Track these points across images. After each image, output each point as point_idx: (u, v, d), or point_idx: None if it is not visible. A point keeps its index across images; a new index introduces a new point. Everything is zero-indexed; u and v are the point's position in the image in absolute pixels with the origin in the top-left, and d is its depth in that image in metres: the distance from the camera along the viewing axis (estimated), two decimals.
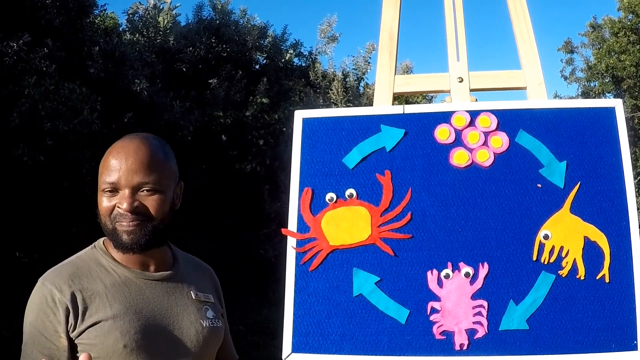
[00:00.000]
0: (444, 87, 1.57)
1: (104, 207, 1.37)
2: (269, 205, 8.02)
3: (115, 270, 1.40)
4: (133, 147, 1.38)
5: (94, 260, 1.42)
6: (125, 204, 1.34)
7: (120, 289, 1.38)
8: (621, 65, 14.46)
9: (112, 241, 1.39)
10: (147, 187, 1.36)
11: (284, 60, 9.28)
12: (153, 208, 1.37)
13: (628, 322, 1.33)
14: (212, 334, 1.45)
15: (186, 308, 1.43)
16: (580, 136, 1.43)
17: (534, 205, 1.40)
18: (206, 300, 1.49)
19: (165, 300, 1.41)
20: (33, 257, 5.72)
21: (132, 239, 1.35)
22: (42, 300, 1.33)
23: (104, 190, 1.36)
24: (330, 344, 1.39)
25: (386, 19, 1.64)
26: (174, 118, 6.86)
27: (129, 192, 1.35)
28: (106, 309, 1.33)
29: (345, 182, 1.46)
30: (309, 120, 1.52)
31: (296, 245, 1.44)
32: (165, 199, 1.39)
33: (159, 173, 1.38)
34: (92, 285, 1.36)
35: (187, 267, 1.53)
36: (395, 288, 1.39)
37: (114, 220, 1.36)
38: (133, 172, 1.35)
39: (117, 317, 1.33)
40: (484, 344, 1.34)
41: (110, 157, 1.37)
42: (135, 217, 1.35)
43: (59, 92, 5.38)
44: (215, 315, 1.48)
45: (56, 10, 5.91)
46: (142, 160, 1.36)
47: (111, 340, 1.31)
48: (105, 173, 1.37)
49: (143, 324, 1.35)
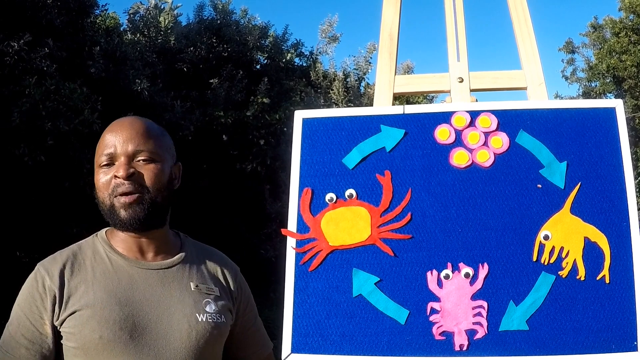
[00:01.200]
0: (444, 87, 1.57)
1: (101, 182, 1.36)
2: (270, 205, 8.03)
3: (110, 258, 1.37)
4: (128, 121, 1.40)
5: (91, 248, 1.40)
6: (121, 171, 1.33)
7: (108, 277, 1.34)
8: (622, 66, 14.46)
9: (111, 219, 1.36)
10: (142, 156, 1.36)
11: (284, 60, 9.28)
12: (149, 177, 1.35)
13: (628, 323, 1.32)
14: (209, 328, 1.37)
15: (181, 300, 1.37)
16: (580, 137, 1.43)
17: (534, 206, 1.40)
18: (208, 292, 1.42)
19: (157, 291, 1.36)
20: (33, 256, 5.71)
21: (130, 213, 1.33)
22: (34, 285, 1.32)
23: (101, 165, 1.36)
24: (330, 345, 1.38)
25: (386, 19, 1.64)
26: (174, 118, 6.87)
27: (124, 159, 1.34)
28: (88, 296, 1.30)
29: (345, 183, 1.46)
30: (309, 120, 1.52)
31: (296, 245, 1.44)
32: (163, 170, 1.38)
33: (154, 142, 1.38)
34: (83, 274, 1.34)
35: (196, 258, 1.48)
36: (395, 288, 1.39)
37: (112, 195, 1.34)
38: (128, 141, 1.35)
39: (97, 306, 1.29)
40: (483, 345, 1.34)
41: (105, 134, 1.38)
42: (131, 185, 1.33)
43: (60, 92, 5.38)
44: (217, 309, 1.41)
45: (57, 10, 5.91)
46: (137, 130, 1.37)
47: (87, 330, 1.27)
48: (101, 148, 1.37)
49: (125, 314, 1.30)
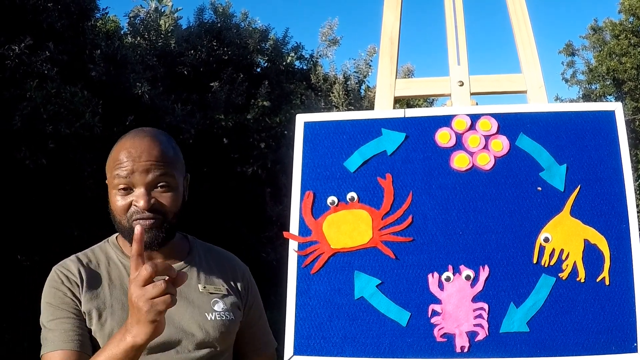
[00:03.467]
0: (445, 90, 1.58)
1: (118, 206, 1.38)
2: (271, 208, 8.03)
3: (123, 264, 1.43)
4: (145, 145, 1.39)
5: (104, 253, 1.46)
6: (142, 202, 1.35)
7: (122, 281, 1.40)
8: (622, 68, 14.46)
9: (128, 239, 1.39)
10: (161, 184, 1.38)
11: (285, 63, 9.29)
12: (168, 204, 1.39)
13: (628, 325, 1.33)
14: (219, 326, 1.44)
15: (190, 302, 1.43)
16: (580, 140, 1.44)
17: (534, 208, 1.40)
18: (216, 292, 1.48)
19: None
20: (34, 259, 5.72)
21: (150, 238, 1.37)
22: (55, 280, 1.38)
23: (118, 189, 1.37)
24: (332, 347, 1.39)
25: (387, 22, 1.65)
26: (175, 121, 6.88)
27: (144, 190, 1.36)
28: (105, 298, 1.37)
29: (346, 186, 1.47)
30: (310, 124, 1.53)
31: (298, 248, 1.44)
32: (178, 195, 1.42)
33: (172, 169, 1.41)
34: (98, 275, 1.40)
35: (204, 259, 1.54)
36: (396, 291, 1.40)
37: (130, 219, 1.37)
38: (147, 170, 1.36)
39: (115, 309, 1.36)
40: (484, 347, 1.35)
41: (121, 154, 1.38)
42: (152, 214, 1.37)
43: (61, 95, 5.39)
44: (225, 307, 1.48)
45: (58, 13, 5.92)
46: (156, 157, 1.38)
47: (107, 330, 1.34)
48: (117, 170, 1.37)
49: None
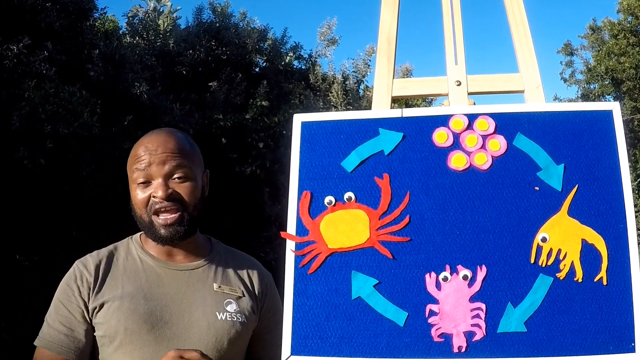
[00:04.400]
0: (442, 90, 1.58)
1: (139, 199, 1.43)
2: (270, 208, 8.02)
3: (142, 258, 1.46)
4: (161, 139, 1.45)
5: (125, 249, 1.50)
6: (160, 192, 1.40)
7: (137, 274, 1.43)
8: (621, 68, 14.48)
9: (149, 234, 1.44)
10: (178, 174, 1.42)
11: (283, 63, 9.28)
12: (186, 195, 1.43)
13: (626, 325, 1.33)
14: (228, 327, 1.45)
15: (203, 300, 1.45)
16: (577, 139, 1.44)
17: (531, 208, 1.40)
18: (231, 292, 1.50)
19: (182, 290, 1.44)
20: (33, 260, 5.71)
21: (171, 232, 1.42)
22: (71, 276, 1.43)
23: (138, 183, 1.42)
24: (329, 347, 1.39)
25: (384, 23, 1.64)
26: (174, 121, 6.86)
27: (162, 180, 1.41)
28: (117, 290, 1.40)
29: (343, 186, 1.47)
30: (308, 124, 1.53)
31: (295, 248, 1.44)
32: (197, 186, 1.46)
33: (188, 160, 1.45)
34: (115, 270, 1.44)
35: (224, 261, 1.56)
36: (393, 291, 1.40)
37: (150, 212, 1.42)
38: (164, 162, 1.41)
39: (124, 299, 1.38)
40: (482, 347, 1.35)
41: (139, 150, 1.44)
42: (171, 204, 1.41)
43: (59, 95, 5.38)
44: (238, 309, 1.49)
45: (56, 13, 5.91)
46: (172, 149, 1.43)
47: (114, 321, 1.36)
48: (135, 164, 1.43)
49: (150, 308, 1.38)
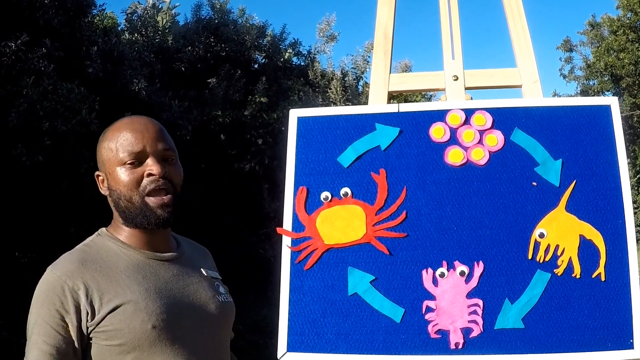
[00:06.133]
0: (439, 85, 1.57)
1: (128, 179, 1.34)
2: (268, 204, 8.01)
3: (126, 254, 1.39)
4: (146, 120, 1.40)
5: (102, 246, 1.39)
6: (156, 168, 1.34)
7: (135, 271, 1.36)
8: (620, 64, 14.48)
9: (139, 218, 1.36)
10: (170, 155, 1.39)
11: (282, 59, 9.26)
12: (177, 176, 1.39)
13: (624, 321, 1.32)
14: (229, 308, 1.46)
15: (201, 285, 1.43)
16: (575, 134, 1.43)
17: (529, 204, 1.40)
18: (215, 277, 1.50)
19: (180, 279, 1.41)
20: (32, 257, 5.72)
21: (168, 212, 1.36)
22: (50, 289, 1.29)
23: (125, 164, 1.35)
24: (326, 343, 1.38)
25: (381, 18, 1.63)
26: (172, 118, 6.86)
27: (157, 158, 1.36)
28: (125, 292, 1.31)
29: (340, 181, 1.46)
30: (304, 119, 1.52)
31: (291, 244, 1.44)
32: (181, 169, 1.42)
33: (172, 142, 1.42)
34: (106, 270, 1.34)
35: (189, 249, 1.54)
36: (390, 287, 1.39)
37: (143, 193, 1.35)
38: (157, 140, 1.36)
39: (140, 299, 1.31)
40: (479, 343, 1.34)
41: (125, 132, 1.37)
42: (165, 183, 1.35)
43: (57, 92, 5.37)
44: (225, 290, 1.49)
45: (54, 10, 5.90)
46: (160, 130, 1.39)
47: (138, 323, 1.29)
48: (123, 146, 1.35)
49: (166, 303, 1.34)
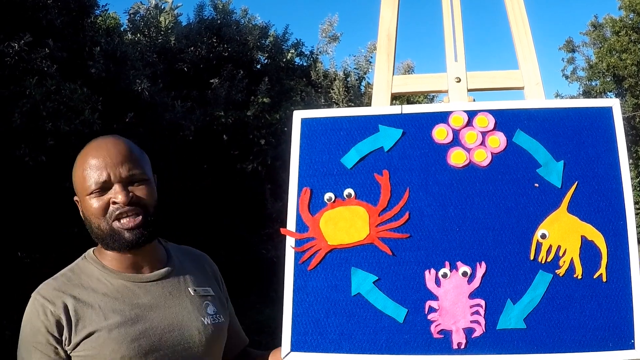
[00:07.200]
0: (442, 87, 1.57)
1: (95, 208, 1.34)
2: (271, 205, 8.03)
3: (108, 279, 1.38)
4: (110, 143, 1.37)
5: (85, 271, 1.39)
6: (120, 197, 1.32)
7: (114, 298, 1.35)
8: (622, 64, 14.46)
9: (111, 243, 1.35)
10: (136, 178, 1.36)
11: (285, 59, 9.29)
12: (146, 197, 1.37)
13: (625, 321, 1.33)
14: (215, 331, 1.43)
15: (185, 307, 1.41)
16: (577, 136, 1.43)
17: (531, 205, 1.40)
18: (206, 294, 1.47)
19: (162, 302, 1.39)
20: (35, 257, 5.73)
21: (136, 234, 1.34)
22: (34, 314, 1.32)
23: (92, 192, 1.34)
24: (329, 343, 1.39)
25: (384, 19, 1.64)
26: (175, 118, 6.87)
27: (121, 185, 1.34)
28: (100, 319, 1.31)
29: (343, 182, 1.47)
30: (308, 120, 1.53)
31: (295, 244, 1.44)
32: (153, 187, 1.40)
33: (141, 162, 1.39)
34: (85, 296, 1.34)
35: (183, 261, 1.51)
36: (393, 287, 1.40)
37: (110, 219, 1.34)
38: (120, 165, 1.34)
39: (113, 328, 1.31)
40: (481, 343, 1.35)
41: (88, 159, 1.35)
42: (132, 208, 1.34)
43: (60, 92, 5.39)
44: (216, 310, 1.46)
45: (57, 10, 5.92)
46: (123, 153, 1.36)
47: (108, 351, 1.29)
48: (89, 175, 1.34)
49: (140, 331, 1.32)
